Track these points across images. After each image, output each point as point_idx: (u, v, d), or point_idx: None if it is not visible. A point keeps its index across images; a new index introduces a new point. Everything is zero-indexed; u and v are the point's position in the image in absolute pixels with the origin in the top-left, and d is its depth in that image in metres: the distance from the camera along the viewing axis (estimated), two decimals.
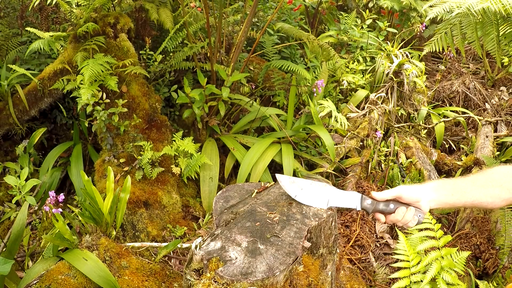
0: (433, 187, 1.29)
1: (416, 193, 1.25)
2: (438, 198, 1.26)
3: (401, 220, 1.26)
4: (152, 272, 1.73)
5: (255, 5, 2.51)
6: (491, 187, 1.29)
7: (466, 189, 1.28)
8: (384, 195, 1.29)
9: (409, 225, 1.27)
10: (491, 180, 1.31)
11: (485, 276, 2.14)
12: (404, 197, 1.26)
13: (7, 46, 2.75)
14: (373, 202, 1.30)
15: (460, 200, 1.27)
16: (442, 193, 1.27)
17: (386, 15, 4.14)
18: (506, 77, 4.18)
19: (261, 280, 1.15)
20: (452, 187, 1.29)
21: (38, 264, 1.71)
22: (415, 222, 1.27)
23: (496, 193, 1.28)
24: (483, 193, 1.28)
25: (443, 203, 1.28)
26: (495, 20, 2.33)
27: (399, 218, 1.26)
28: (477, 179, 1.32)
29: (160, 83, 2.70)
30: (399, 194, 1.25)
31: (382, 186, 2.70)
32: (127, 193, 1.89)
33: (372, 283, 2.11)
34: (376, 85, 3.46)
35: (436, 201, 1.26)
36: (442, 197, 1.26)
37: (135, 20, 2.65)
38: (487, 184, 1.30)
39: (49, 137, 2.78)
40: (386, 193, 1.29)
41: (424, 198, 1.25)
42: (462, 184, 1.30)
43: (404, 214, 1.25)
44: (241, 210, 1.44)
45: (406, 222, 1.26)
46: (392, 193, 1.28)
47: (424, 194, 1.26)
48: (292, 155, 2.59)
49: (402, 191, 1.25)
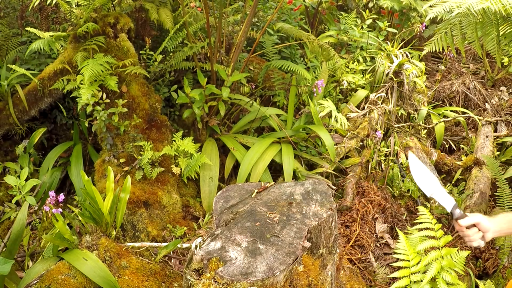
0: (499, 221, 1.56)
1: (489, 225, 1.52)
2: (500, 230, 1.56)
3: (470, 237, 1.52)
4: (152, 272, 1.73)
5: (255, 5, 2.51)
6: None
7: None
8: (468, 222, 1.53)
9: (471, 244, 1.53)
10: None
11: (485, 276, 2.14)
12: (481, 226, 1.51)
13: (7, 46, 2.75)
14: (461, 212, 1.53)
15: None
16: (504, 226, 1.56)
17: (386, 15, 4.14)
18: (506, 77, 4.18)
19: (261, 280, 1.15)
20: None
21: (38, 264, 1.71)
22: (476, 245, 1.53)
23: None
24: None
25: (503, 233, 1.60)
26: (495, 20, 2.33)
27: (470, 234, 1.51)
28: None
29: (160, 83, 2.70)
30: (477, 222, 1.52)
31: (382, 186, 2.70)
32: (127, 193, 1.89)
33: (372, 283, 2.11)
34: (376, 85, 3.46)
35: (498, 232, 1.56)
36: (504, 230, 1.57)
37: (135, 20, 2.65)
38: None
39: (49, 137, 2.78)
40: (469, 220, 1.53)
41: (492, 230, 1.52)
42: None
43: (474, 235, 1.52)
44: (241, 210, 1.44)
45: (471, 241, 1.52)
46: (473, 220, 1.53)
47: (493, 227, 1.53)
48: (292, 155, 2.59)
49: (481, 221, 1.52)
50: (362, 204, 2.49)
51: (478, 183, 2.66)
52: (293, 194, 1.52)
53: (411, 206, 2.70)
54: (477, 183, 2.66)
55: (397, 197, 2.76)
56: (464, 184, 2.78)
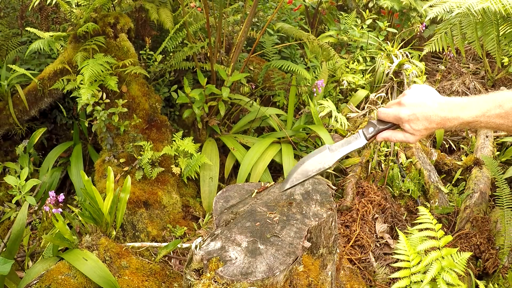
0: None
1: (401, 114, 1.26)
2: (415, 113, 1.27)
3: (392, 138, 1.29)
4: (152, 272, 1.73)
5: (255, 5, 2.51)
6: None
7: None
8: (382, 136, 1.30)
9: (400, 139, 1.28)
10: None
11: (485, 276, 2.14)
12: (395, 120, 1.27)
13: (7, 46, 2.75)
14: (372, 130, 1.30)
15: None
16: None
17: (386, 15, 4.14)
18: (506, 77, 4.18)
19: (261, 280, 1.15)
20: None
21: (38, 264, 1.70)
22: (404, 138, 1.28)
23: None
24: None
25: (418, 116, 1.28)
26: (495, 20, 2.33)
27: (389, 136, 1.29)
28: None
29: (160, 83, 2.70)
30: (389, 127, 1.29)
31: (382, 186, 2.70)
32: (127, 193, 1.89)
33: (372, 283, 2.11)
34: (376, 85, 3.46)
35: (414, 115, 1.27)
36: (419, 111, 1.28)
37: (135, 20, 2.65)
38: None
39: (49, 137, 2.78)
40: (382, 135, 1.30)
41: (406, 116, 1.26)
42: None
43: (393, 135, 1.29)
44: (241, 210, 1.44)
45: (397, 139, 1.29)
46: (385, 134, 1.30)
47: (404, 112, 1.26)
48: (292, 155, 2.59)
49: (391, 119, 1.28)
50: (362, 204, 2.49)
51: (478, 183, 2.66)
52: (293, 194, 1.52)
53: (411, 206, 2.70)
54: (477, 183, 2.66)
55: (397, 197, 2.76)
56: (464, 184, 2.78)
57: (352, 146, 1.30)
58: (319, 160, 1.31)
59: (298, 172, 1.33)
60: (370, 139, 1.28)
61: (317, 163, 1.31)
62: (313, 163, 1.31)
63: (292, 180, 1.34)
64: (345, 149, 1.30)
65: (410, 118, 1.19)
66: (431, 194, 2.73)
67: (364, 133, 1.28)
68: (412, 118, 1.19)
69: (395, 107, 1.23)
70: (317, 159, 1.31)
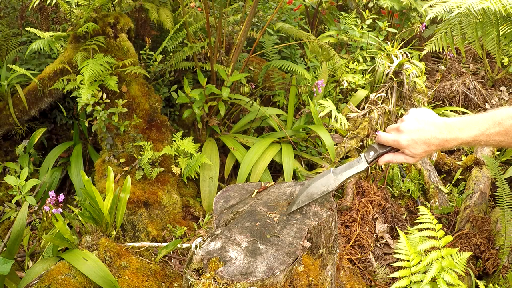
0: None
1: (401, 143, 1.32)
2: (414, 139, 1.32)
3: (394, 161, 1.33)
4: (152, 272, 1.73)
5: (255, 5, 2.51)
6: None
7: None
8: (384, 160, 1.35)
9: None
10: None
11: (485, 276, 2.14)
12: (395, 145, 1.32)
13: (7, 46, 2.75)
14: (373, 154, 1.34)
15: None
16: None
17: (386, 15, 4.15)
18: (506, 77, 4.18)
19: (261, 280, 1.15)
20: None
21: (38, 264, 1.70)
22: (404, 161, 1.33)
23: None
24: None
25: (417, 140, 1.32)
26: (495, 20, 2.33)
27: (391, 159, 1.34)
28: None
29: (160, 83, 2.70)
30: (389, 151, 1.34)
31: (382, 186, 2.70)
32: (127, 193, 1.89)
33: (372, 283, 2.11)
34: (376, 85, 3.46)
35: (413, 141, 1.31)
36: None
37: (135, 20, 2.65)
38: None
39: (49, 137, 2.78)
40: (383, 159, 1.35)
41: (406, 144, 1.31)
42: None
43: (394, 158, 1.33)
44: (241, 210, 1.44)
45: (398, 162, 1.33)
46: (385, 158, 1.35)
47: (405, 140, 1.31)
48: (292, 155, 2.59)
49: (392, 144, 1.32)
50: (362, 204, 2.49)
51: (478, 183, 2.66)
52: (293, 194, 1.52)
53: (411, 206, 2.70)
54: (477, 183, 2.66)
55: (397, 197, 2.76)
56: (464, 184, 2.78)
57: (354, 170, 1.35)
58: (323, 183, 1.37)
59: (304, 195, 1.39)
60: (371, 162, 1.32)
61: (322, 186, 1.37)
62: (318, 186, 1.38)
63: (298, 202, 1.39)
64: (347, 173, 1.35)
65: (409, 143, 1.22)
66: (431, 194, 2.73)
67: (365, 157, 1.33)
68: (411, 143, 1.22)
69: (394, 133, 1.27)
70: (321, 182, 1.37)
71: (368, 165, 1.33)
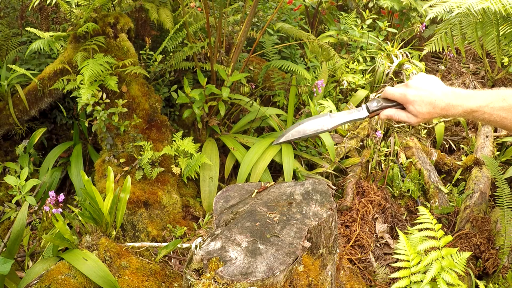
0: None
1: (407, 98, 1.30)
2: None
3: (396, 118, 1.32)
4: (152, 272, 1.73)
5: (255, 5, 2.51)
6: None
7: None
8: (386, 114, 1.33)
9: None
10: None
11: (485, 276, 2.14)
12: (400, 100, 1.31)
13: (7, 46, 2.75)
14: (376, 105, 1.30)
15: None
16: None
17: (386, 15, 4.15)
18: (506, 77, 4.18)
19: (261, 280, 1.15)
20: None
21: (38, 264, 1.70)
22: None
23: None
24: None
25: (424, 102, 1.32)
26: (495, 20, 2.33)
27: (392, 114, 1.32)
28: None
29: (160, 83, 2.70)
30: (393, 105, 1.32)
31: (382, 186, 2.70)
32: (127, 193, 1.89)
33: (372, 283, 2.11)
34: (376, 85, 3.46)
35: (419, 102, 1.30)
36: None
37: (135, 20, 2.65)
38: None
39: (49, 137, 2.78)
40: (386, 112, 1.33)
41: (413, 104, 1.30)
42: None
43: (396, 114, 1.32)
44: (241, 210, 1.44)
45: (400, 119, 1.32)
46: (388, 112, 1.32)
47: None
48: (292, 155, 2.59)
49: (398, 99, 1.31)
50: (362, 204, 2.49)
51: (478, 183, 2.66)
52: (293, 194, 1.52)
53: (411, 206, 2.71)
54: (477, 183, 2.66)
55: (397, 197, 2.76)
56: (464, 184, 2.78)
57: (353, 116, 1.31)
58: (318, 122, 1.33)
59: (296, 129, 1.34)
60: (372, 113, 1.29)
61: (316, 124, 1.33)
62: (312, 123, 1.33)
63: (288, 135, 1.34)
64: (345, 117, 1.32)
65: (416, 99, 1.22)
66: (431, 194, 2.73)
67: (368, 106, 1.30)
68: (417, 99, 1.22)
69: (402, 88, 1.26)
70: (317, 121, 1.33)
71: (368, 114, 1.30)
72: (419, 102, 1.22)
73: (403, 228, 2.47)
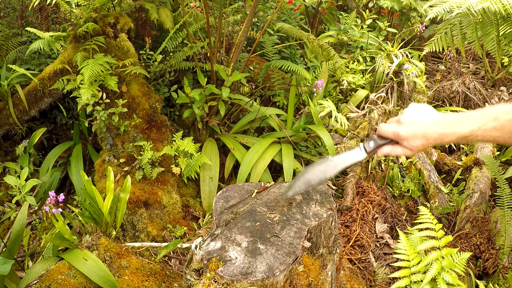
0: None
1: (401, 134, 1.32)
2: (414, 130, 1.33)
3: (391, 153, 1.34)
4: (152, 272, 1.73)
5: (255, 5, 2.51)
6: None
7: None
8: (383, 152, 1.35)
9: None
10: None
11: (485, 276, 2.14)
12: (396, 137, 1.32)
13: (7, 46, 2.75)
14: (373, 144, 1.34)
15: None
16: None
17: (386, 15, 4.15)
18: (506, 77, 4.18)
19: (261, 280, 1.15)
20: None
21: (38, 264, 1.70)
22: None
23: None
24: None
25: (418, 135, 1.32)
26: (495, 20, 2.33)
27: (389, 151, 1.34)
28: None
29: (160, 83, 2.70)
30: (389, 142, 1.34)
31: (382, 186, 2.70)
32: (127, 193, 1.89)
33: (372, 283, 2.11)
34: (376, 85, 3.46)
35: (412, 132, 1.32)
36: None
37: (135, 20, 2.65)
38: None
39: (49, 137, 2.78)
40: (382, 150, 1.35)
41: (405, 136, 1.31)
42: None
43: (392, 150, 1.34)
44: (241, 210, 1.44)
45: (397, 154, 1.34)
46: (385, 150, 1.35)
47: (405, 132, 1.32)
48: (292, 155, 2.59)
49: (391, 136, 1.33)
50: (362, 204, 2.49)
51: (478, 183, 2.66)
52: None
53: (411, 206, 2.71)
54: (477, 183, 2.66)
55: (397, 197, 2.76)
56: (464, 184, 2.78)
57: (353, 159, 1.35)
58: (321, 170, 1.36)
59: (301, 181, 1.37)
60: (370, 153, 1.33)
61: (319, 173, 1.36)
62: (315, 172, 1.37)
63: (294, 188, 1.38)
64: (346, 162, 1.35)
65: (409, 135, 1.24)
66: (431, 194, 2.73)
67: (365, 147, 1.33)
68: (410, 135, 1.24)
69: (394, 125, 1.28)
70: (319, 169, 1.36)
71: (367, 155, 1.33)
72: (412, 137, 1.23)
73: (403, 228, 2.47)
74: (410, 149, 1.27)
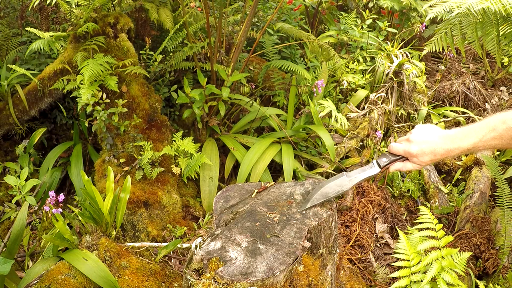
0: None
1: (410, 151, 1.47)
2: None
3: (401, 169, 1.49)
4: (152, 272, 1.73)
5: (255, 5, 2.51)
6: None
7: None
8: (394, 168, 1.50)
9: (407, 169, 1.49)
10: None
11: (485, 276, 2.14)
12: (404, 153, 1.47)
13: (7, 46, 2.75)
14: (386, 160, 1.47)
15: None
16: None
17: (386, 15, 4.14)
18: (506, 77, 4.18)
19: (261, 280, 1.15)
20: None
21: (38, 264, 1.70)
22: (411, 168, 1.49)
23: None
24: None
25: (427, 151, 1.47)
26: (495, 20, 2.33)
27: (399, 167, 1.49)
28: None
29: (160, 83, 2.70)
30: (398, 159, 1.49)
31: (382, 186, 2.70)
32: (127, 193, 1.89)
33: (372, 283, 2.11)
34: (376, 85, 3.46)
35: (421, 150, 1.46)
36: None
37: (135, 20, 2.65)
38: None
39: (49, 137, 2.78)
40: (394, 166, 1.49)
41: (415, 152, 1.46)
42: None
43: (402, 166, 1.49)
44: (241, 210, 1.44)
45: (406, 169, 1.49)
46: (396, 166, 1.49)
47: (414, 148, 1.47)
48: (292, 155, 2.59)
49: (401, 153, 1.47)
50: (362, 204, 2.49)
51: (478, 183, 2.66)
52: (293, 194, 1.52)
53: (411, 206, 2.71)
54: (477, 183, 2.66)
55: (397, 197, 2.76)
56: (464, 184, 2.78)
57: (367, 173, 1.47)
58: (338, 184, 1.47)
59: (318, 193, 1.46)
60: (383, 168, 1.46)
61: (336, 186, 1.47)
62: (332, 186, 1.47)
63: (312, 200, 1.45)
64: (361, 176, 1.47)
65: (418, 153, 1.38)
66: (431, 194, 2.73)
67: (378, 162, 1.47)
68: (419, 153, 1.38)
69: (405, 143, 1.43)
70: (336, 183, 1.48)
71: (380, 169, 1.46)
72: (421, 154, 1.38)
73: (403, 228, 2.47)
74: (419, 164, 1.42)
